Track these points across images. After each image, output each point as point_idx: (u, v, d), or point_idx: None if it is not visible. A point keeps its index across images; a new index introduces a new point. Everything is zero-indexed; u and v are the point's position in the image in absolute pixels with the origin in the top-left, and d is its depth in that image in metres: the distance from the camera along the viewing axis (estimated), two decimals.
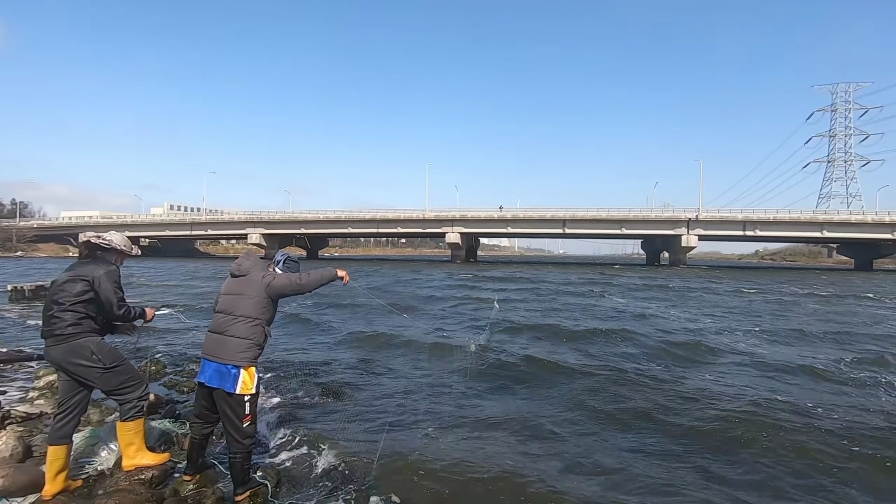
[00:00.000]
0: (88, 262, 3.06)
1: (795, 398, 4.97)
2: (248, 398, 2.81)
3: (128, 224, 65.56)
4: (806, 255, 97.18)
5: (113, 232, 3.30)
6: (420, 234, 66.15)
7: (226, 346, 2.81)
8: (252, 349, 2.84)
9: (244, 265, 3.00)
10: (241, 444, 2.82)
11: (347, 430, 4.01)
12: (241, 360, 2.80)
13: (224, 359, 2.79)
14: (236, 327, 2.83)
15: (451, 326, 9.68)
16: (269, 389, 5.11)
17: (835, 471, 3.44)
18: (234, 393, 2.77)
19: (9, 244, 64.44)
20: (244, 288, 2.91)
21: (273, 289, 2.92)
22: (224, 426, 2.89)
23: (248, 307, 2.86)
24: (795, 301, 16.38)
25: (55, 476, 2.85)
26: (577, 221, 53.49)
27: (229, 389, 2.78)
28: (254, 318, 2.86)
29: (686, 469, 3.46)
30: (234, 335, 2.82)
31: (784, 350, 7.73)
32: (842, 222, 49.57)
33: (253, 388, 2.84)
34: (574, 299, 15.77)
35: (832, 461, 3.57)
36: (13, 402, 4.54)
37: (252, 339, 2.84)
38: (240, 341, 2.81)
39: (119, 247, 3.19)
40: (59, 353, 2.90)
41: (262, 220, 61.02)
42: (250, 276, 2.94)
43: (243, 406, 2.80)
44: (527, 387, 5.50)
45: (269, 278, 2.93)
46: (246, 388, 2.80)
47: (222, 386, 2.79)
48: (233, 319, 2.85)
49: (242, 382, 2.79)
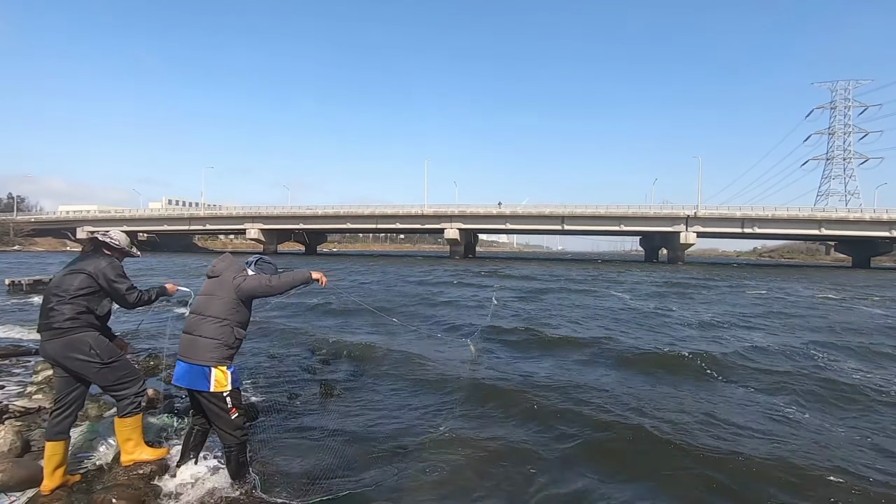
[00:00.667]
0: (90, 257, 3.07)
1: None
2: (226, 394, 2.83)
3: (126, 218, 65.31)
4: (804, 252, 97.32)
5: (118, 231, 3.34)
6: (419, 229, 66.08)
7: (196, 346, 2.83)
8: (220, 349, 2.84)
9: (218, 266, 3.03)
10: (233, 437, 2.86)
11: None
12: (209, 359, 2.81)
13: (193, 359, 2.82)
14: (204, 327, 2.86)
15: (449, 336, 8.23)
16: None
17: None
18: (210, 391, 2.80)
19: (6, 238, 64.15)
20: (216, 289, 2.95)
21: (243, 290, 2.93)
22: (213, 423, 2.92)
23: (217, 308, 2.88)
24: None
25: (53, 471, 2.85)
26: (575, 218, 53.51)
27: (202, 388, 2.80)
28: (222, 318, 2.87)
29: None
30: (202, 335, 2.84)
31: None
32: (840, 220, 49.69)
33: (228, 386, 2.84)
34: (605, 301, 14.29)
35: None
36: (11, 397, 4.54)
37: (220, 339, 2.85)
38: (208, 341, 2.83)
39: (125, 248, 3.24)
40: (57, 348, 2.88)
41: (261, 215, 60.89)
42: (222, 277, 2.97)
43: (224, 401, 2.82)
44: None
45: (240, 280, 2.94)
46: (220, 385, 2.81)
47: (193, 386, 2.82)
48: (202, 319, 2.88)
49: (216, 381, 2.80)
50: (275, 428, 4.03)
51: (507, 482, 3.24)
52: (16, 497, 2.82)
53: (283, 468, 3.32)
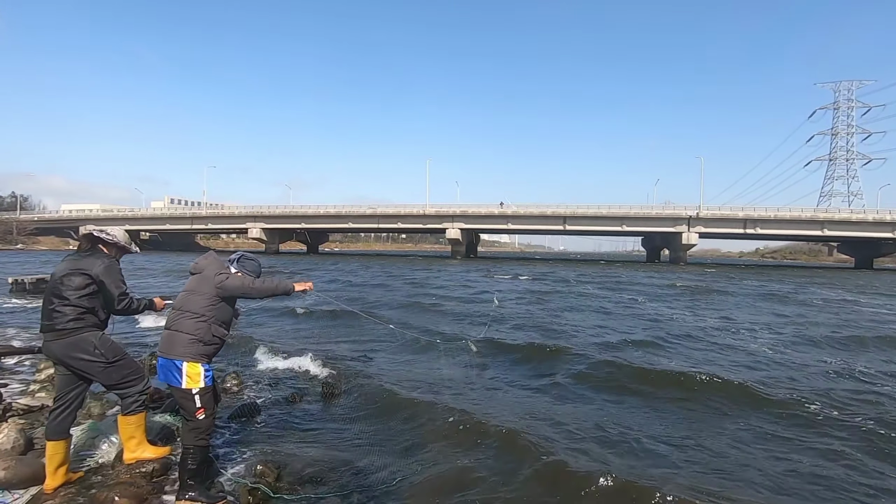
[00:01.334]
0: (88, 255, 3.02)
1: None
2: (196, 392, 2.78)
3: (128, 217, 65.51)
4: (806, 253, 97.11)
5: (115, 227, 3.28)
6: (420, 229, 66.13)
7: (172, 340, 2.82)
8: (195, 345, 2.81)
9: (201, 263, 3.00)
10: (192, 435, 2.77)
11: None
12: (182, 354, 2.78)
13: (169, 353, 2.80)
14: (182, 322, 2.83)
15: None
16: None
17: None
18: (180, 387, 2.78)
19: (9, 237, 64.45)
20: (197, 285, 2.91)
21: (226, 288, 2.90)
22: (183, 418, 2.90)
23: (196, 303, 2.85)
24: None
25: (55, 470, 2.86)
26: (577, 218, 53.45)
27: (174, 384, 2.79)
28: (200, 314, 2.84)
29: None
30: (178, 330, 2.82)
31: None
32: (843, 221, 49.54)
33: (200, 383, 2.80)
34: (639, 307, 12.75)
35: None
36: (14, 395, 4.56)
37: (196, 334, 2.81)
38: (183, 336, 2.80)
39: (121, 243, 3.20)
40: (60, 348, 2.88)
41: (263, 214, 60.98)
42: (205, 274, 2.93)
43: (192, 399, 2.77)
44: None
45: (223, 277, 2.90)
46: (191, 382, 2.78)
47: (168, 380, 2.81)
48: (180, 314, 2.85)
49: (187, 377, 2.77)
50: (275, 427, 4.05)
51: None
52: (19, 495, 2.83)
53: (286, 465, 3.31)
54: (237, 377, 5.30)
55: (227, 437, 3.81)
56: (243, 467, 3.29)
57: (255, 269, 3.11)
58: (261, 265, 3.20)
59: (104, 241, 3.12)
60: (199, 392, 2.79)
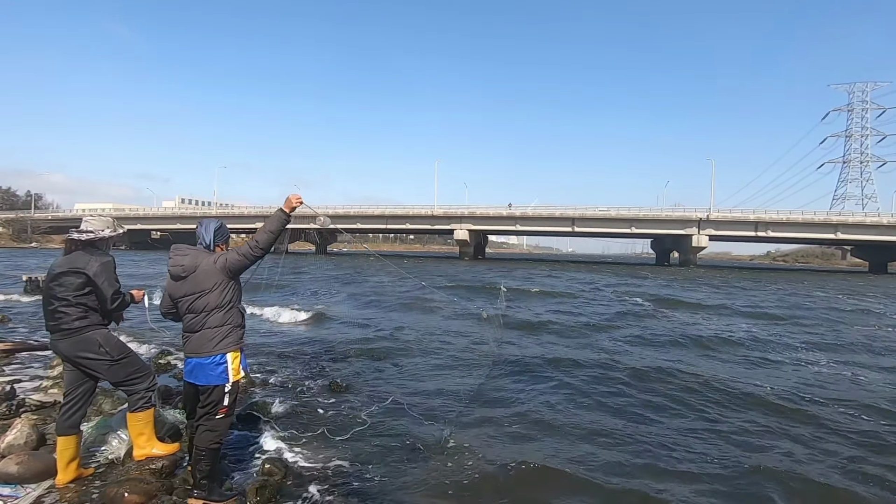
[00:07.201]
0: (84, 255, 2.94)
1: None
2: (229, 388, 2.74)
3: (140, 217, 66.40)
4: (819, 256, 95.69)
5: (89, 217, 3.09)
6: (429, 230, 66.11)
7: (204, 338, 2.73)
8: (233, 332, 2.78)
9: (186, 263, 2.76)
10: (208, 437, 2.71)
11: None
12: (224, 347, 2.74)
13: (207, 352, 2.72)
14: (208, 319, 2.74)
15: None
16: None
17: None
18: (217, 384, 2.73)
19: (24, 235, 65.46)
20: (202, 281, 2.75)
21: (231, 267, 2.78)
22: (199, 419, 2.78)
23: (213, 299, 2.74)
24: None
25: (66, 465, 2.89)
26: (586, 220, 53.14)
27: (214, 381, 2.72)
28: (222, 305, 2.76)
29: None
30: (209, 326, 2.74)
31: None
32: (856, 224, 48.76)
33: (241, 373, 2.81)
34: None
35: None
36: (27, 391, 4.61)
37: (230, 323, 2.78)
38: (216, 330, 2.74)
39: (105, 234, 3.06)
40: (67, 347, 2.90)
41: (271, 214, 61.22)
42: (200, 268, 2.75)
43: (222, 397, 2.73)
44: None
45: (223, 259, 2.78)
46: (236, 373, 2.77)
47: (206, 381, 2.73)
48: (205, 315, 2.74)
49: (232, 370, 2.75)
50: (283, 425, 4.05)
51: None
52: (32, 489, 2.87)
53: (294, 463, 3.32)
54: (245, 374, 5.31)
55: (234, 434, 3.83)
56: (251, 465, 3.30)
57: (227, 234, 3.02)
58: (228, 232, 3.07)
59: (91, 242, 3.00)
60: (233, 387, 2.78)
